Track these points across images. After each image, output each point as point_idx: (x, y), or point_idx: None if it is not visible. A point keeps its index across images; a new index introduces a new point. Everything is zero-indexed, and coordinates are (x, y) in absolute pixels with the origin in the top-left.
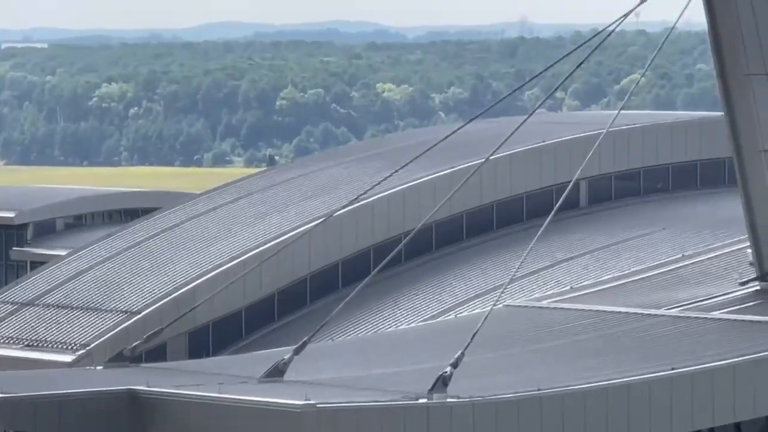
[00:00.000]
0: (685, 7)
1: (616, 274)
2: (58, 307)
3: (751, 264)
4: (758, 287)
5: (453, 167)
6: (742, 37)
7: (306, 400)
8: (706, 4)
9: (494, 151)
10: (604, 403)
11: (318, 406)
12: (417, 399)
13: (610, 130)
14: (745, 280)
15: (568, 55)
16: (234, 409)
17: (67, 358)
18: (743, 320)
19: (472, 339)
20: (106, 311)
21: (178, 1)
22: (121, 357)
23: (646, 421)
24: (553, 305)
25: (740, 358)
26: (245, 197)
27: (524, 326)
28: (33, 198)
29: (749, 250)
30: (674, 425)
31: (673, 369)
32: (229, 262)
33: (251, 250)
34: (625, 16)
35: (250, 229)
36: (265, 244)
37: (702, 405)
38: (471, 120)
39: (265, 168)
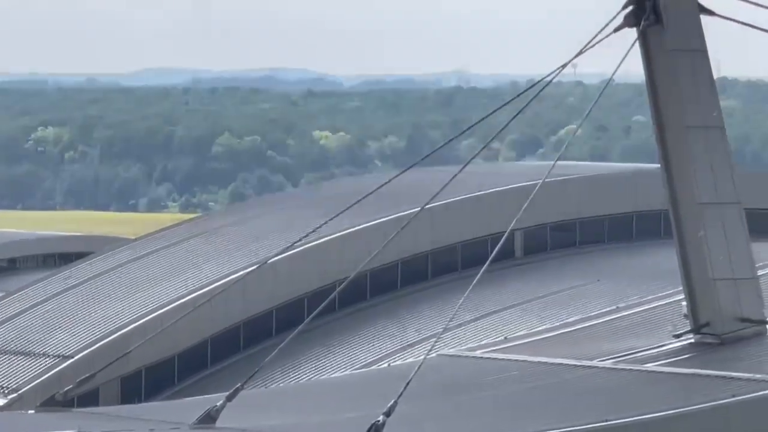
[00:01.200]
0: (623, 60)
1: (550, 325)
2: None
3: (685, 316)
4: (692, 340)
5: (388, 216)
6: (680, 90)
7: None
8: (644, 56)
9: (430, 200)
10: None
11: None
12: None
13: (546, 180)
14: (679, 332)
15: (504, 105)
16: None
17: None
18: (677, 373)
19: (405, 388)
20: (39, 355)
21: (116, 46)
22: (53, 401)
23: None
24: (486, 355)
25: (673, 411)
26: (180, 243)
27: (457, 376)
28: None
29: (684, 303)
30: None
31: (606, 421)
32: (162, 308)
33: (185, 296)
34: (563, 67)
35: (184, 275)
36: (199, 290)
37: None
38: (407, 169)
39: (199, 214)
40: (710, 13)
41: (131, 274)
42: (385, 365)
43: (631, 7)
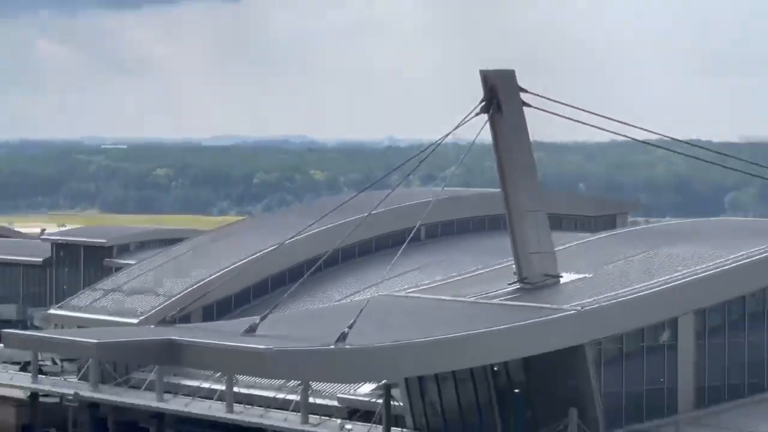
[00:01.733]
0: (478, 133)
1: (440, 278)
2: (130, 292)
3: (515, 273)
4: (518, 286)
5: (352, 217)
6: (511, 148)
7: (267, 346)
8: (492, 131)
9: (375, 208)
10: (446, 350)
11: (274, 349)
12: (329, 345)
13: (438, 198)
14: (512, 282)
15: (414, 156)
16: (225, 351)
17: (134, 320)
18: (510, 305)
19: (360, 312)
20: (157, 294)
21: (199, 119)
22: (164, 321)
23: (467, 358)
24: (407, 295)
25: (509, 325)
26: (235, 234)
27: (393, 307)
28: (117, 231)
29: (514, 266)
30: (474, 361)
31: (469, 331)
32: (226, 268)
33: (239, 261)
34: (446, 136)
35: (239, 249)
36: (245, 258)
37: (489, 348)
38: (361, 191)
39: (246, 217)
40: (529, 105)
41: (208, 249)
42: (349, 300)
43: (484, 102)
